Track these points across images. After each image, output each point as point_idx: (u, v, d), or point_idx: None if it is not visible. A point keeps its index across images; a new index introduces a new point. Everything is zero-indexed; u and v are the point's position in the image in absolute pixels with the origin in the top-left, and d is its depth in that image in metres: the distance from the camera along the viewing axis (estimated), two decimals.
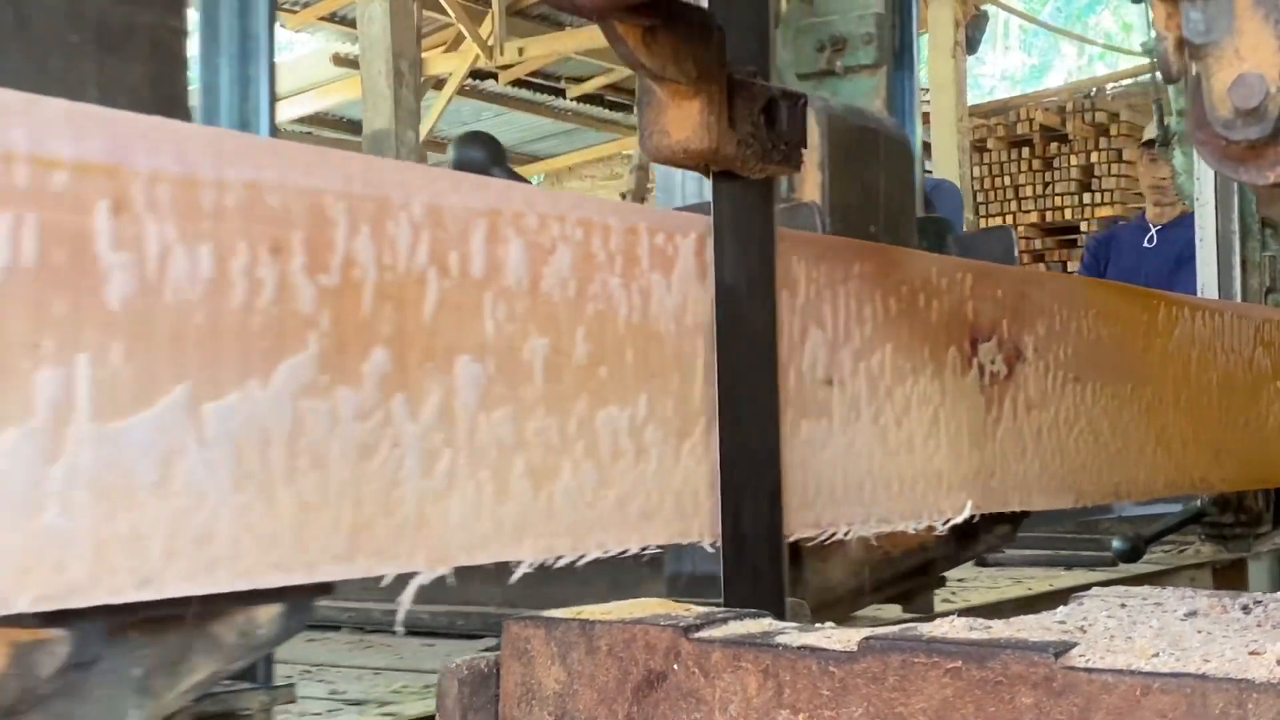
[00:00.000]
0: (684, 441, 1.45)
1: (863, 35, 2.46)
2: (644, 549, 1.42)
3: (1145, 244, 5.21)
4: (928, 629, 1.17)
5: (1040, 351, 2.02)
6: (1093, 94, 11.68)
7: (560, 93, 13.73)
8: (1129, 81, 11.80)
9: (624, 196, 8.74)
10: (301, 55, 13.84)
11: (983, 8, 9.67)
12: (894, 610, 2.43)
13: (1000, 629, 1.17)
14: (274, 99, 1.94)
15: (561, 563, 1.36)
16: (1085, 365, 2.10)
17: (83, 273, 1.01)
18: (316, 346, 1.14)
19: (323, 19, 12.05)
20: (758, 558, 1.45)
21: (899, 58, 2.55)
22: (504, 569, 1.33)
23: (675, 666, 1.21)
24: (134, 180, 1.04)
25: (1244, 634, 1.18)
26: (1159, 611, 1.33)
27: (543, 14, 12.11)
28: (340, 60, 12.30)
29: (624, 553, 1.40)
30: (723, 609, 1.35)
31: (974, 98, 10.59)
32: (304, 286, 1.13)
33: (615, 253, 1.38)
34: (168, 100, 1.34)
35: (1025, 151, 11.39)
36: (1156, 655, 1.06)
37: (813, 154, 2.09)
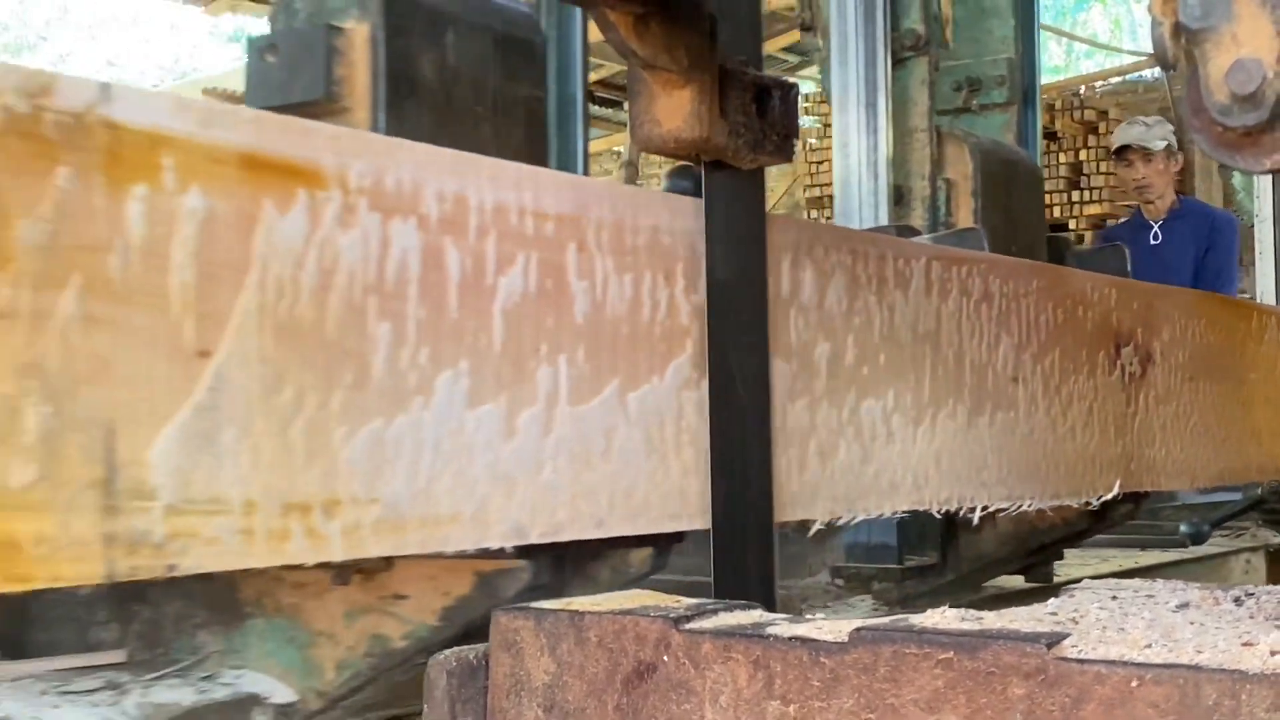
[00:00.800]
0: (918, 427, 1.79)
1: (996, 77, 2.78)
2: (894, 513, 1.80)
3: (1151, 241, 5.25)
4: (919, 620, 1.16)
5: (1165, 355, 2.38)
6: (1081, 92, 11.66)
7: None
8: (1118, 80, 11.80)
9: None
10: None
11: None
12: (1017, 580, 2.70)
13: (992, 620, 1.17)
14: (587, 153, 2.46)
15: (840, 523, 1.70)
16: (1199, 367, 2.47)
17: (561, 296, 1.37)
18: (691, 350, 1.49)
19: None
20: (748, 548, 1.45)
21: (1026, 96, 2.85)
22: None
23: (665, 658, 1.20)
24: (589, 226, 1.39)
25: (1236, 625, 1.17)
26: (1151, 603, 1.32)
27: None
28: None
29: (879, 516, 1.75)
30: (712, 600, 1.34)
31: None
32: (683, 304, 1.48)
33: (872, 275, 1.72)
34: (539, 158, 1.62)
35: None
36: (1149, 646, 1.05)
37: (966, 182, 2.54)
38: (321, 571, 1.35)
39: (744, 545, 1.46)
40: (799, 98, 1.49)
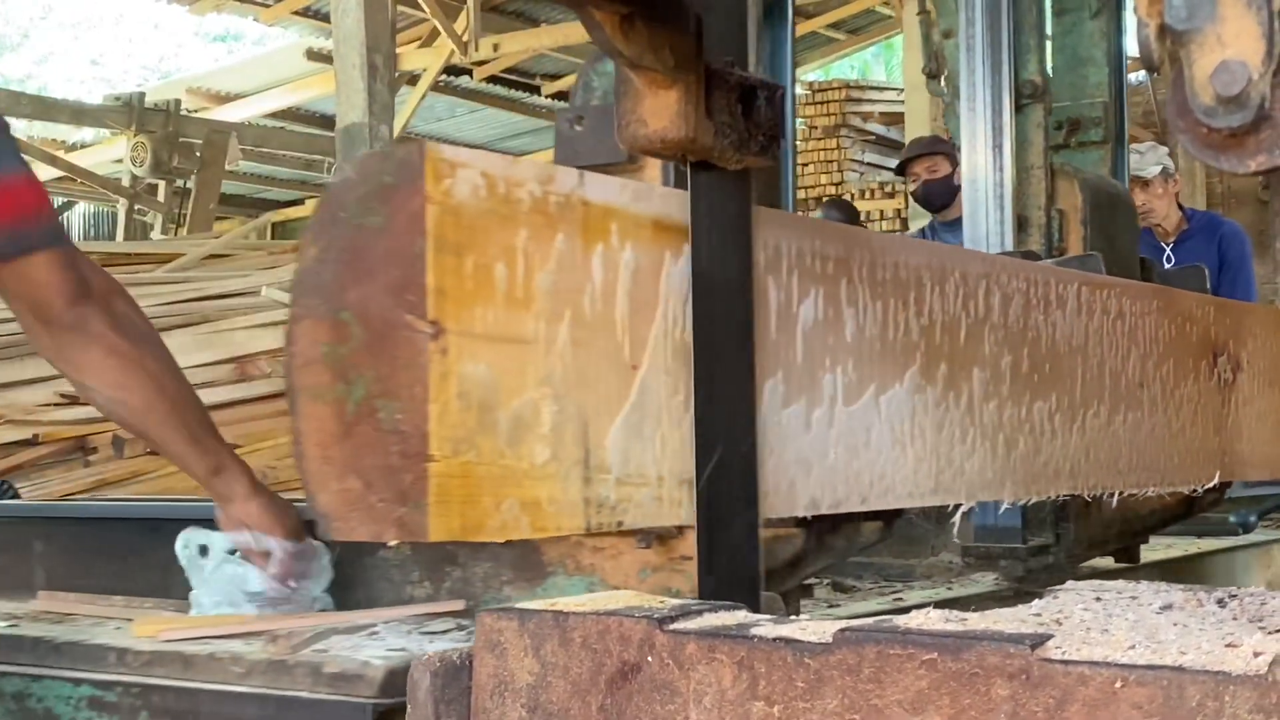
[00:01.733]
0: (1073, 425, 2.10)
1: (1094, 118, 3.12)
2: (1058, 497, 2.15)
3: (1165, 264, 5.31)
4: (903, 620, 1.16)
5: (1250, 363, 2.75)
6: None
7: (535, 89, 13.70)
8: None
9: None
10: (274, 49, 13.79)
11: None
12: (1108, 561, 3.02)
13: (975, 621, 1.17)
14: (795, 186, 2.78)
15: (1019, 503, 2.07)
16: (1276, 373, 2.88)
17: (837, 319, 1.70)
18: (920, 361, 1.80)
19: (296, 13, 11.99)
20: (733, 549, 1.44)
21: (1118, 136, 3.20)
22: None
23: (649, 658, 1.20)
24: (854, 265, 1.73)
25: (1220, 627, 1.18)
26: (1134, 605, 1.32)
27: (518, 10, 12.09)
28: (314, 55, 12.25)
29: (1043, 500, 2.11)
30: (696, 601, 1.34)
31: None
32: (914, 324, 1.80)
33: (1039, 298, 2.04)
34: (781, 202, 2.07)
35: None
36: (1133, 648, 1.06)
37: (1076, 213, 2.90)
38: (618, 537, 1.69)
39: (729, 546, 1.46)
40: (785, 99, 1.49)
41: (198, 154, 10.63)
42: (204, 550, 1.99)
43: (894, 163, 12.30)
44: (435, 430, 1.32)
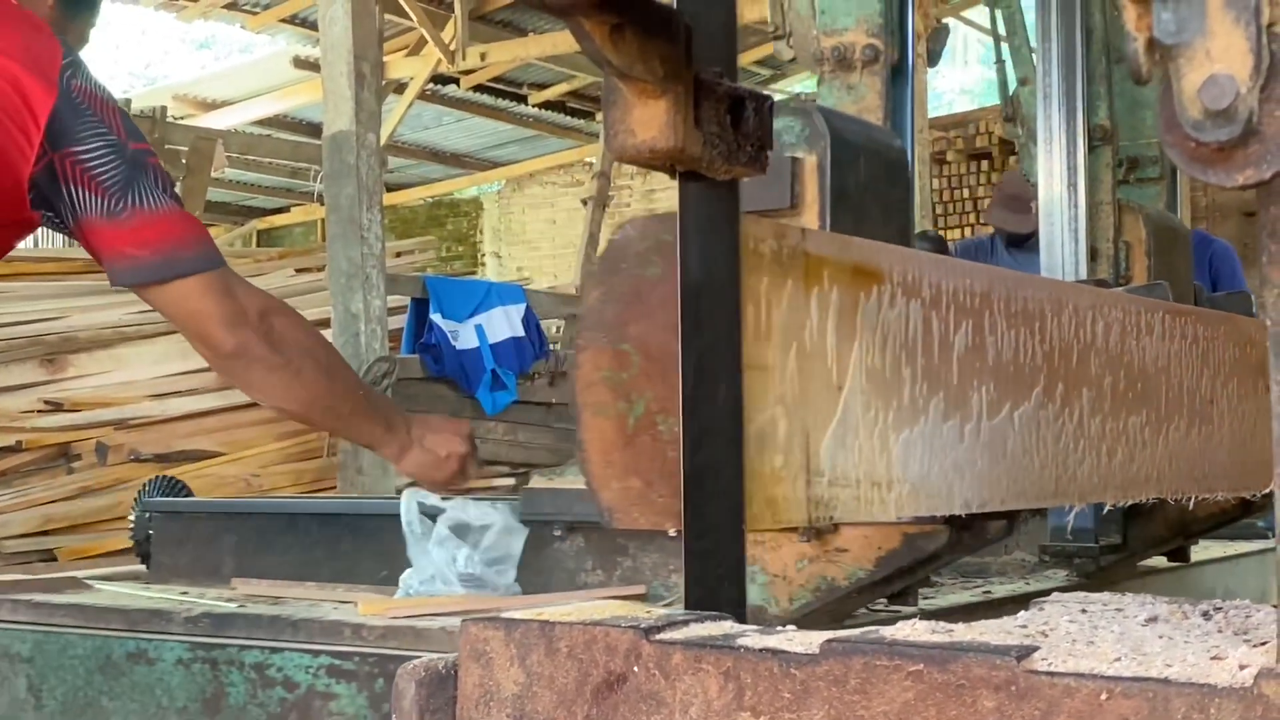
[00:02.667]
0: (1159, 437, 2.29)
1: (1151, 157, 3.41)
2: (1146, 500, 2.31)
3: None
4: (889, 631, 1.16)
5: None
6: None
7: (522, 99, 13.71)
8: None
9: (585, 203, 8.72)
10: (261, 57, 13.77)
11: (943, 21, 9.71)
12: (1162, 560, 3.23)
13: (962, 632, 1.17)
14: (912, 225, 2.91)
15: (1119, 504, 2.32)
16: None
17: (981, 346, 1.87)
18: (1043, 383, 1.98)
19: (284, 21, 11.98)
20: (720, 558, 1.44)
21: (1173, 172, 3.49)
22: None
23: (635, 668, 1.20)
24: (995, 299, 1.91)
25: (1205, 639, 1.18)
26: (1120, 617, 1.32)
27: (505, 20, 12.09)
28: (301, 63, 12.25)
29: (1137, 501, 2.30)
30: (683, 611, 1.33)
31: (934, 110, 10.64)
32: (1038, 350, 1.98)
33: (1132, 325, 2.24)
34: (910, 243, 2.31)
35: (984, 164, 11.46)
36: (1119, 660, 1.06)
37: (1140, 245, 3.18)
38: (778, 532, 1.97)
39: (716, 556, 1.46)
40: (773, 111, 1.49)
41: (184, 160, 10.60)
42: (425, 526, 2.24)
43: None
44: None
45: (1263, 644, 1.09)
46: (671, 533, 1.64)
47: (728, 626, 1.27)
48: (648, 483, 1.58)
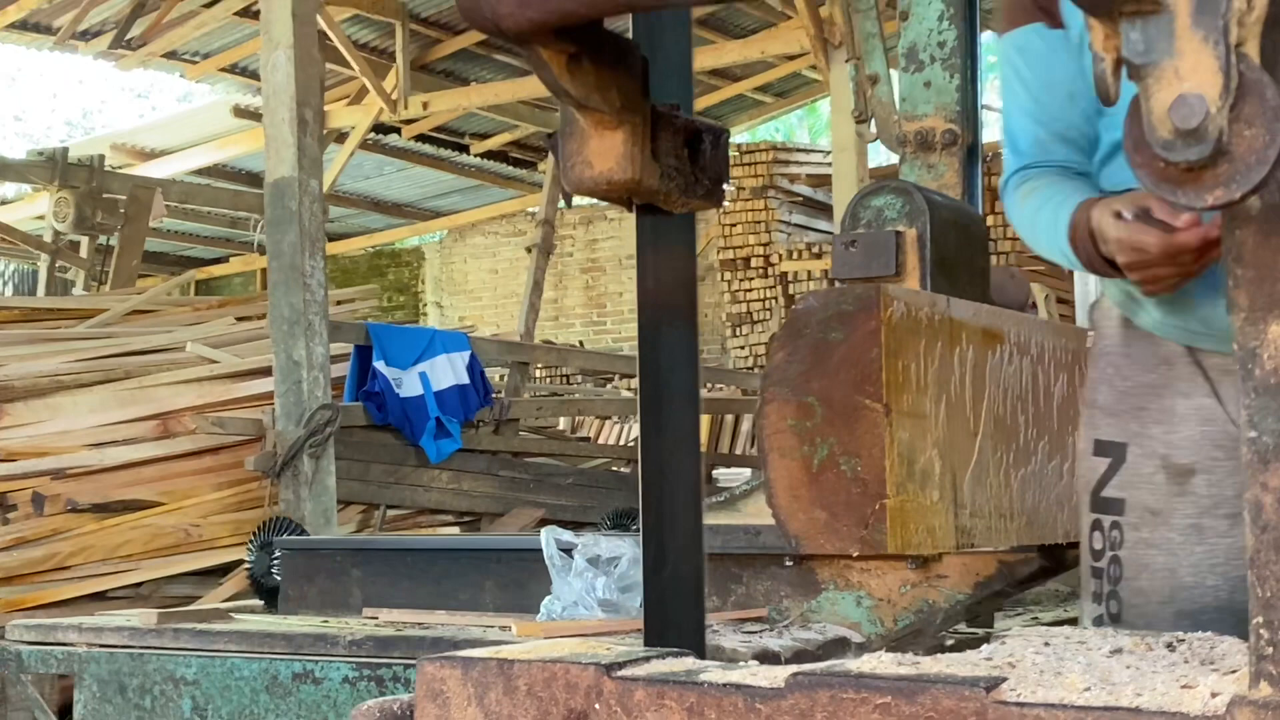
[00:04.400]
0: None
1: None
2: None
3: None
4: (856, 664, 1.14)
5: None
6: (989, 159, 11.89)
7: (464, 148, 13.69)
8: None
9: (530, 250, 8.70)
10: (200, 106, 13.68)
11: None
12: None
13: (929, 664, 1.15)
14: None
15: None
16: None
17: (1073, 395, 2.04)
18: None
19: (223, 70, 11.92)
20: (680, 596, 1.42)
21: None
22: None
23: (597, 705, 1.17)
24: (1081, 353, 2.08)
25: (1173, 669, 1.17)
26: (1084, 649, 1.31)
27: (447, 69, 12.09)
28: (241, 112, 12.18)
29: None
30: (643, 649, 1.31)
31: (874, 160, 10.72)
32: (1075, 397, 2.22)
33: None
34: (988, 298, 2.55)
35: None
36: (1088, 690, 1.04)
37: None
38: (881, 559, 2.13)
39: (675, 592, 1.44)
40: (728, 143, 1.48)
41: (122, 210, 10.49)
42: (564, 559, 2.43)
43: (822, 223, 12.41)
44: (889, 478, 1.95)
45: (1232, 672, 1.09)
46: (855, 554, 1.93)
47: (689, 663, 1.25)
48: (833, 514, 1.89)
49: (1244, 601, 1.82)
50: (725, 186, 1.47)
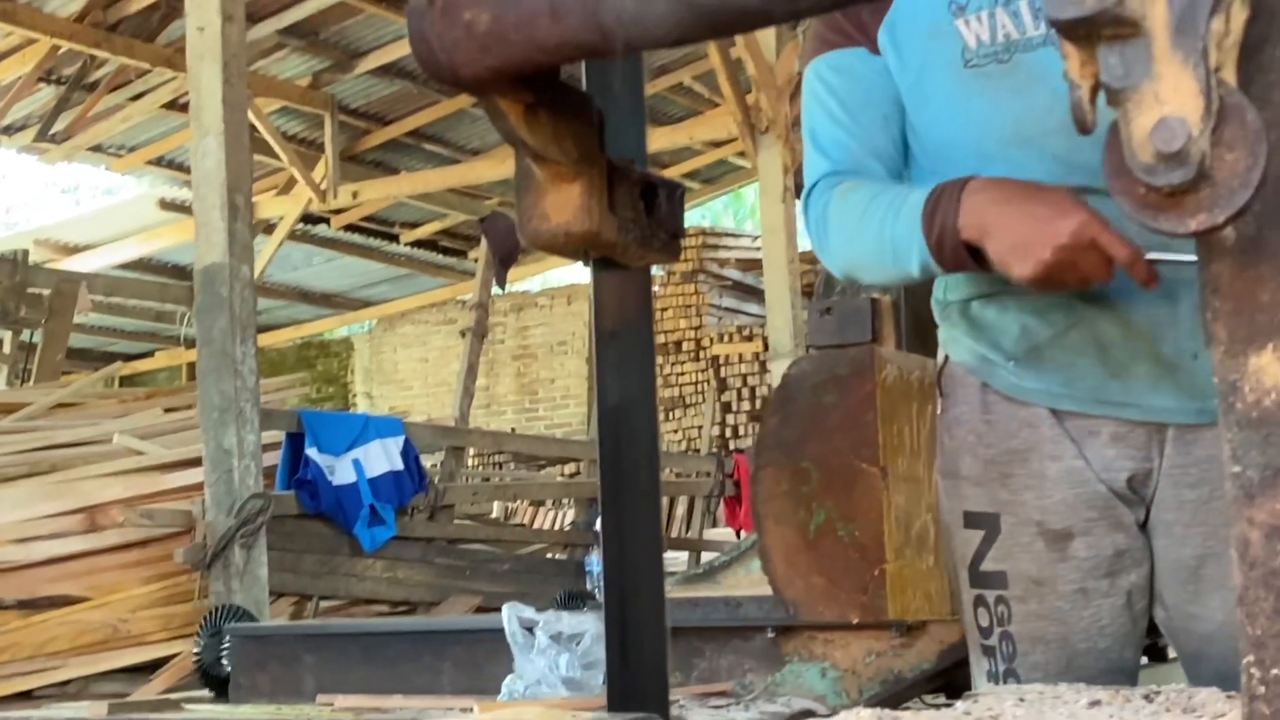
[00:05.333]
0: None
1: None
2: None
3: None
4: None
5: None
6: None
7: (394, 237, 13.68)
8: None
9: (464, 334, 8.67)
10: (126, 199, 13.58)
11: None
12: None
13: (909, 718, 1.12)
14: None
15: None
16: None
17: None
18: None
19: (150, 163, 11.87)
20: (643, 658, 1.38)
21: None
22: None
23: None
24: None
25: (1155, 718, 1.15)
26: (1059, 703, 1.29)
27: (376, 159, 12.10)
28: (167, 205, 12.11)
29: None
30: (609, 715, 1.27)
31: (804, 243, 10.83)
32: None
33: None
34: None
35: None
36: None
37: None
38: (845, 630, 2.09)
39: (639, 665, 1.40)
40: (684, 198, 1.47)
41: (46, 304, 10.36)
42: (526, 636, 2.37)
43: (752, 307, 12.51)
44: (888, 542, 1.92)
45: (1221, 717, 1.07)
46: (854, 621, 1.91)
47: None
48: (831, 580, 1.87)
49: (1130, 658, 1.83)
50: (681, 240, 1.45)
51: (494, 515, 9.04)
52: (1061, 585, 1.75)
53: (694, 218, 17.11)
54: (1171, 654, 3.28)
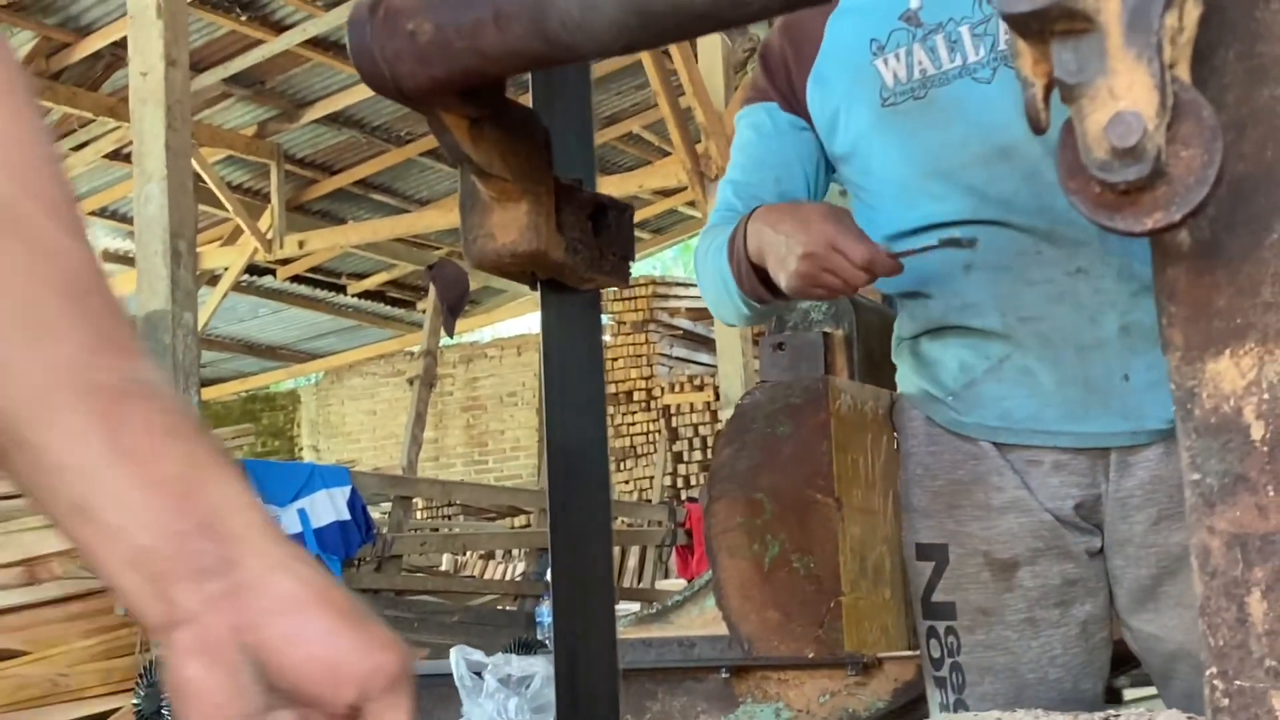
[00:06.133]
0: None
1: None
2: None
3: None
4: None
5: None
6: None
7: (341, 289, 13.61)
8: None
9: (412, 383, 8.60)
10: None
11: None
12: None
13: None
14: None
15: None
16: None
17: None
18: None
19: (93, 213, 11.76)
20: (594, 702, 1.35)
21: None
22: None
23: None
24: None
25: None
26: None
27: (323, 210, 12.05)
28: (110, 256, 12.00)
29: None
30: None
31: None
32: None
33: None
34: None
35: None
36: None
37: None
38: (799, 670, 2.11)
39: (590, 692, 1.37)
40: (632, 220, 1.45)
41: None
42: (475, 680, 2.35)
43: (703, 356, 12.54)
44: (844, 574, 1.88)
45: None
46: (810, 655, 1.80)
47: None
48: (787, 614, 1.83)
49: (1089, 689, 1.83)
50: (630, 263, 1.43)
51: (444, 569, 8.95)
52: (1009, 615, 1.76)
53: (644, 268, 17.15)
54: (1129, 696, 3.29)
